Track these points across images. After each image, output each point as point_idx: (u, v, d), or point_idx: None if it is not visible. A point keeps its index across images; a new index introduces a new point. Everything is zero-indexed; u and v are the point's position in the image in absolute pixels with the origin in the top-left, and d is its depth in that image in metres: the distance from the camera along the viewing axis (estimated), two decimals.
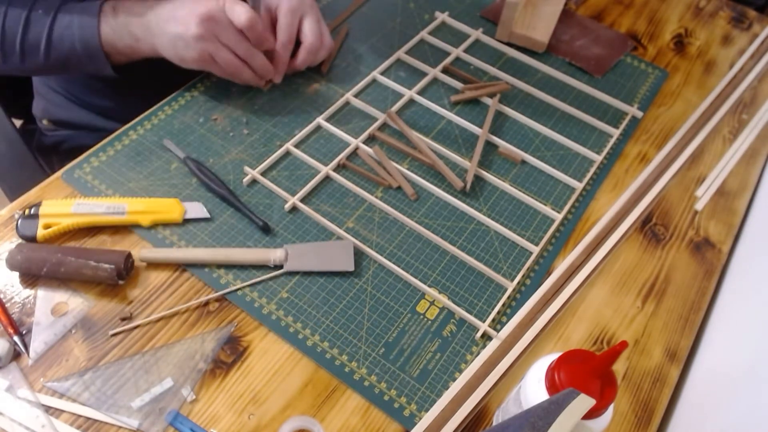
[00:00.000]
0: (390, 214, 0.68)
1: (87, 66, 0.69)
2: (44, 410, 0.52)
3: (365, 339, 0.59)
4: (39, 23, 0.66)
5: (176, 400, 0.54)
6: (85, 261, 0.57)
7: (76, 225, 0.61)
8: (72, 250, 0.59)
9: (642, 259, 0.70)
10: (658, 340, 0.64)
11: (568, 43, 0.92)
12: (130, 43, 0.68)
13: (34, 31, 0.66)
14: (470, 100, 0.81)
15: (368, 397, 0.56)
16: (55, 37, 0.67)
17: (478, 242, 0.67)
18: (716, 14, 1.04)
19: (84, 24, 0.66)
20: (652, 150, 0.81)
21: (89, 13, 0.66)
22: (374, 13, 0.92)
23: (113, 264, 0.57)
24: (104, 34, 0.67)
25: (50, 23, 0.66)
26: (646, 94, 0.87)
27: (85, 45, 0.67)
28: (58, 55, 0.68)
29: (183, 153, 0.69)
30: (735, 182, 0.79)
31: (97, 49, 0.67)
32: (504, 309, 0.63)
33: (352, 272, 0.63)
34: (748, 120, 0.87)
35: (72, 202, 0.62)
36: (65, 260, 0.57)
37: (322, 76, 0.81)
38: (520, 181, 0.74)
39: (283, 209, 0.67)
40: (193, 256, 0.61)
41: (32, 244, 0.59)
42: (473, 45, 0.89)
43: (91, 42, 0.66)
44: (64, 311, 0.57)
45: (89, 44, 0.67)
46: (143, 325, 0.58)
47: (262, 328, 0.59)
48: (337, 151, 0.73)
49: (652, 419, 0.58)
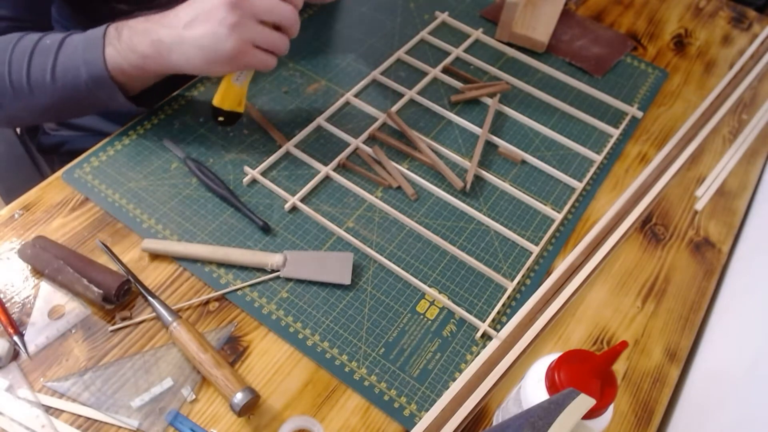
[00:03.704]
0: (390, 214, 0.68)
1: (97, 96, 0.64)
2: (44, 410, 0.52)
3: (365, 339, 0.59)
4: (44, 54, 0.63)
5: (176, 400, 0.54)
6: (79, 277, 0.56)
7: None
8: (76, 259, 0.58)
9: (642, 259, 0.70)
10: (658, 340, 0.64)
11: (568, 43, 0.92)
12: (138, 62, 0.62)
13: (39, 58, 0.63)
14: (470, 100, 0.81)
15: (368, 397, 0.56)
16: (59, 66, 0.62)
17: (478, 242, 0.67)
18: (716, 14, 1.04)
19: (88, 48, 0.62)
20: (652, 150, 0.81)
21: (94, 38, 0.62)
22: (374, 13, 0.92)
23: (102, 289, 0.56)
24: (109, 57, 0.62)
25: (56, 50, 0.63)
26: (646, 94, 0.87)
27: (90, 70, 0.62)
28: (64, 85, 0.63)
29: (183, 153, 0.69)
30: (735, 182, 0.79)
31: (103, 73, 0.62)
32: (504, 309, 0.63)
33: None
34: (748, 120, 0.87)
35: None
36: (64, 269, 0.57)
37: (322, 76, 0.81)
38: (520, 181, 0.74)
39: (283, 209, 0.67)
40: (194, 251, 0.61)
41: (45, 242, 0.59)
42: (473, 45, 0.89)
43: (96, 66, 0.62)
44: (61, 314, 0.57)
45: (94, 69, 0.62)
46: (143, 324, 0.58)
47: (262, 328, 0.59)
48: (337, 151, 0.73)
49: (652, 419, 0.58)
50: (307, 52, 0.84)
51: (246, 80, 0.66)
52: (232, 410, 0.52)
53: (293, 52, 0.83)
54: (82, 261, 0.59)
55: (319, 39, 0.86)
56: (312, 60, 0.83)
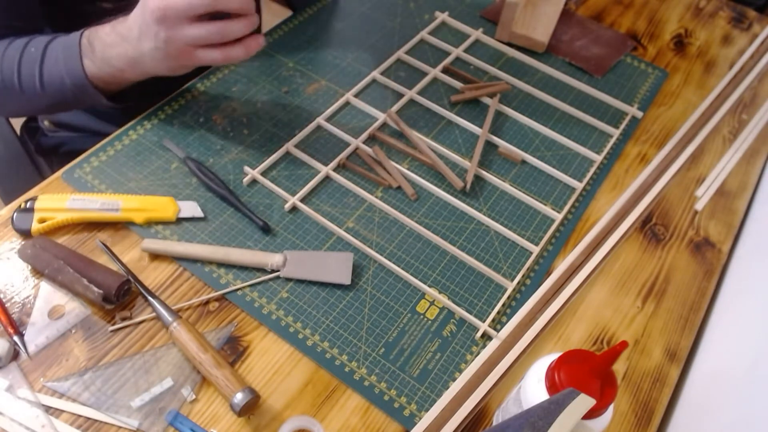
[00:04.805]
0: (390, 214, 0.68)
1: (84, 99, 0.68)
2: (44, 410, 0.52)
3: (365, 339, 0.59)
4: (30, 64, 0.66)
5: (176, 400, 0.54)
6: (79, 277, 0.56)
7: (70, 220, 0.62)
8: (76, 259, 0.58)
9: (642, 259, 0.70)
10: (658, 340, 0.64)
11: (568, 43, 0.92)
12: (115, 73, 0.66)
13: (26, 68, 0.66)
14: (470, 100, 0.81)
15: (368, 397, 0.56)
16: (45, 75, 0.66)
17: (478, 242, 0.67)
18: (716, 14, 1.04)
19: (68, 59, 0.65)
20: (652, 150, 0.81)
21: (71, 47, 0.65)
22: (374, 13, 0.92)
23: (102, 289, 0.56)
24: (88, 68, 0.65)
25: (40, 60, 0.66)
26: (646, 94, 0.87)
27: (73, 80, 0.65)
28: (53, 92, 0.67)
29: (183, 153, 0.69)
30: (735, 182, 0.79)
31: (85, 84, 0.66)
32: (504, 309, 0.63)
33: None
34: (748, 120, 0.87)
35: (67, 197, 0.62)
36: (64, 269, 0.57)
37: (322, 76, 0.81)
38: (520, 181, 0.74)
39: (283, 209, 0.67)
40: (194, 251, 0.61)
41: (45, 242, 0.59)
42: (473, 45, 0.89)
43: (78, 77, 0.65)
44: (61, 314, 0.57)
45: (76, 78, 0.65)
46: (143, 324, 0.58)
47: (262, 327, 0.59)
48: (337, 151, 0.73)
49: (652, 419, 0.58)
50: (307, 52, 0.84)
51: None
52: (232, 410, 0.52)
53: (293, 52, 0.83)
54: (82, 261, 0.58)
55: (319, 39, 0.86)
56: (312, 60, 0.83)
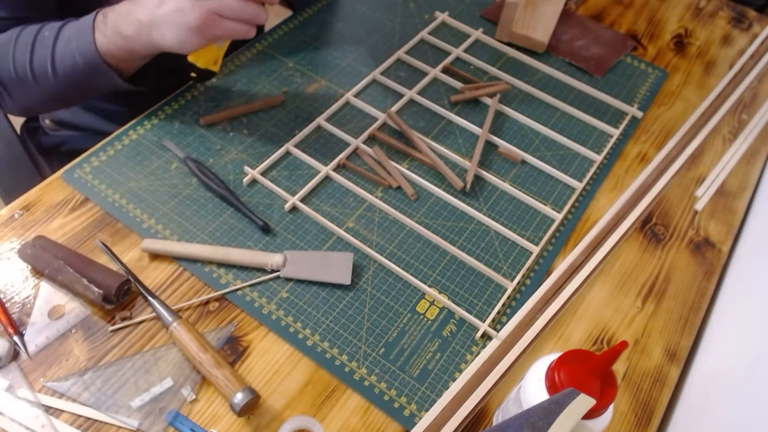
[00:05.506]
0: (390, 214, 0.68)
1: (96, 80, 0.67)
2: (44, 410, 0.52)
3: (365, 339, 0.59)
4: (43, 46, 0.66)
5: (176, 400, 0.54)
6: (79, 277, 0.56)
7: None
8: (76, 259, 0.58)
9: (642, 259, 0.70)
10: (658, 340, 0.64)
11: (568, 43, 0.92)
12: (124, 44, 0.65)
13: (39, 52, 0.66)
14: (470, 100, 0.81)
15: (368, 397, 0.56)
16: (57, 56, 0.66)
17: (478, 242, 0.67)
18: (716, 14, 1.04)
19: (80, 36, 0.65)
20: (652, 150, 0.81)
21: (85, 26, 0.65)
22: (374, 13, 0.92)
23: (102, 289, 0.56)
24: (99, 42, 0.65)
25: (53, 43, 0.66)
26: (646, 94, 0.87)
27: (84, 57, 0.65)
28: (64, 73, 0.66)
29: (183, 153, 0.69)
30: (735, 182, 0.79)
31: (96, 59, 0.65)
32: (504, 309, 0.63)
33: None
34: (748, 120, 0.87)
35: None
36: (64, 269, 0.57)
37: (322, 76, 0.81)
38: (520, 181, 0.74)
39: (283, 209, 0.67)
40: (194, 251, 0.61)
41: (45, 242, 0.59)
42: (473, 45, 0.89)
43: (89, 53, 0.65)
44: (61, 314, 0.57)
45: (87, 56, 0.65)
46: (143, 324, 0.58)
47: (262, 327, 0.59)
48: (337, 151, 0.73)
49: (652, 419, 0.58)
50: (307, 52, 0.84)
51: (225, 43, 0.68)
52: (232, 410, 0.52)
53: (293, 53, 0.83)
54: (82, 261, 0.58)
55: (319, 39, 0.86)
56: (312, 60, 0.83)
